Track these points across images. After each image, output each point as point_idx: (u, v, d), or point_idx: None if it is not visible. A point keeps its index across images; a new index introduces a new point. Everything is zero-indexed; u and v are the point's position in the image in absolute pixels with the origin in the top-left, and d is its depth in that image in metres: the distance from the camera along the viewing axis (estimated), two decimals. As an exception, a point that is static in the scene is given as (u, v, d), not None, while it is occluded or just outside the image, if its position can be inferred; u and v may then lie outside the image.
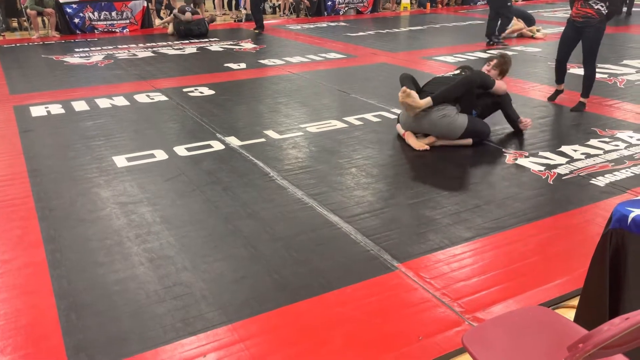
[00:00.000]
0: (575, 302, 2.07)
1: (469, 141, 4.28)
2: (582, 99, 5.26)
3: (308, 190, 3.54)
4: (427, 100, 4.15)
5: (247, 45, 9.38)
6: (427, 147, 4.22)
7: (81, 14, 10.86)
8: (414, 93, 4.17)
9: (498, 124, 4.75)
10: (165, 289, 2.51)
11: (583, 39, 5.10)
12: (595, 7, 4.90)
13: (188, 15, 10.34)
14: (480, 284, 2.53)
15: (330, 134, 4.67)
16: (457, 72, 4.56)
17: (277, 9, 14.25)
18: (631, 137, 4.40)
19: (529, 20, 9.71)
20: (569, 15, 5.20)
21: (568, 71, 6.52)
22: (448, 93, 4.18)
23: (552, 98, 5.58)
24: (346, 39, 9.80)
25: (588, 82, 5.20)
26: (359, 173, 3.82)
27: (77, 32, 10.85)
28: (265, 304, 2.40)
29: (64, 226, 3.13)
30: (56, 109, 5.56)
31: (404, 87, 4.20)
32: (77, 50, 9.04)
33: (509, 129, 4.68)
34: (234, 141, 4.49)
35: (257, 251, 2.83)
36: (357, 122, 4.96)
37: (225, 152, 4.26)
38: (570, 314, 2.04)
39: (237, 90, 6.30)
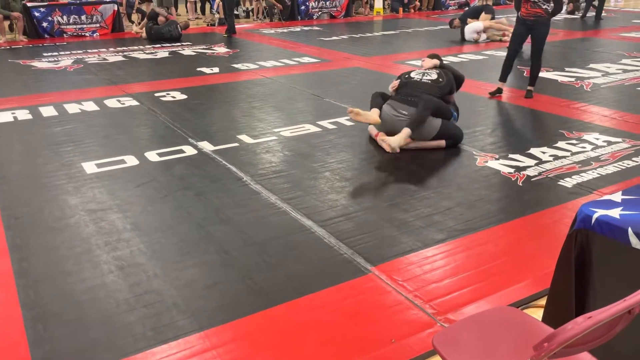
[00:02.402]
0: (543, 301, 2.11)
1: (442, 143, 4.32)
2: (529, 88, 5.88)
3: (282, 194, 3.53)
4: (407, 132, 4.14)
5: (220, 49, 9.33)
6: (398, 150, 4.23)
7: (50, 18, 10.64)
8: (391, 142, 4.13)
9: (469, 127, 4.82)
10: (136, 297, 2.47)
11: (533, 35, 5.67)
12: (544, 7, 5.48)
13: (162, 18, 10.23)
14: (452, 285, 2.55)
15: (304, 138, 4.67)
16: (436, 76, 4.56)
17: (250, 13, 14.21)
18: (597, 139, 4.52)
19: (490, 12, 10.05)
20: (518, 15, 5.71)
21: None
22: (421, 118, 4.20)
23: (493, 94, 5.91)
24: (320, 44, 9.82)
25: (535, 73, 5.83)
26: (332, 177, 3.83)
27: (46, 36, 10.63)
28: (239, 310, 2.38)
29: (30, 234, 3.05)
30: (23, 114, 5.44)
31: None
32: (45, 54, 8.86)
33: (480, 132, 4.76)
34: (206, 146, 4.45)
35: (230, 257, 2.81)
36: (331, 126, 4.97)
37: (197, 157, 4.22)
38: (539, 314, 2.08)
39: (210, 94, 6.25)
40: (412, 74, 4.65)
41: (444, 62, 4.97)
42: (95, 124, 5.12)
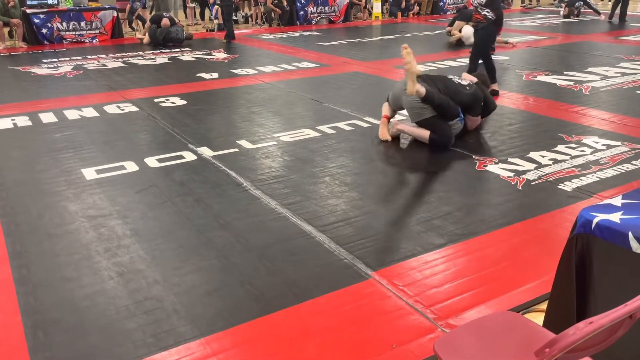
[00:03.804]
0: (544, 306, 2.11)
1: (426, 135, 4.40)
2: (492, 87, 6.00)
3: (281, 200, 3.53)
4: (422, 90, 4.28)
5: (220, 55, 9.35)
6: (389, 139, 4.54)
7: (49, 24, 10.66)
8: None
9: (468, 132, 4.82)
10: (136, 303, 2.46)
11: (474, 38, 6.39)
12: (482, 13, 5.97)
13: (166, 21, 10.25)
14: (452, 290, 2.55)
15: (304, 143, 4.67)
16: (466, 83, 4.69)
17: (249, 18, 14.25)
18: (596, 142, 4.52)
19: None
20: None
21: (535, 79, 6.72)
22: (440, 102, 4.34)
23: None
24: (319, 48, 9.84)
25: (490, 72, 6.10)
26: (332, 182, 3.83)
27: (45, 42, 10.64)
28: (239, 316, 2.38)
29: (30, 241, 3.05)
30: (23, 121, 5.44)
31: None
32: (45, 61, 8.87)
33: (479, 136, 4.76)
34: (206, 151, 4.46)
35: (230, 262, 2.80)
36: (330, 131, 4.97)
37: (197, 163, 4.22)
38: (540, 318, 2.07)
39: (210, 100, 6.26)
40: (449, 76, 4.82)
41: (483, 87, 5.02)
42: (94, 130, 5.12)
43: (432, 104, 4.33)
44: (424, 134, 4.44)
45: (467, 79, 4.83)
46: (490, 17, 5.86)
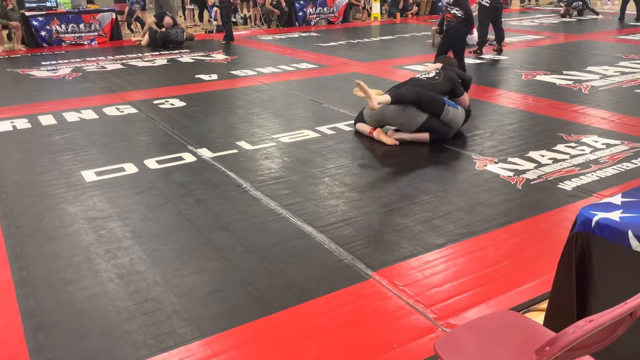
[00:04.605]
0: (545, 305, 2.11)
1: (426, 137, 4.48)
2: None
3: (281, 200, 3.53)
4: (386, 98, 4.26)
5: (219, 56, 9.35)
6: (397, 143, 4.50)
7: (48, 27, 10.67)
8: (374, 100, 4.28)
9: (468, 131, 4.83)
10: (136, 305, 2.46)
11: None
12: (452, 12, 6.37)
13: (168, 19, 10.25)
14: (453, 289, 2.55)
15: (303, 144, 4.67)
16: (433, 74, 4.75)
17: (248, 19, 14.25)
18: (596, 141, 4.52)
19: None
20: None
21: (535, 78, 6.74)
22: (402, 96, 4.35)
23: None
24: (318, 49, 9.85)
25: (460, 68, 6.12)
26: (332, 182, 3.83)
27: (44, 45, 10.64)
28: (239, 317, 2.37)
29: (30, 243, 3.05)
30: (22, 123, 5.44)
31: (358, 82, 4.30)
32: (44, 63, 8.87)
33: (478, 135, 4.77)
34: (206, 153, 4.46)
35: (230, 264, 2.80)
36: (330, 132, 4.97)
37: (197, 164, 4.22)
38: (540, 317, 2.07)
39: (209, 101, 6.26)
40: (416, 76, 4.87)
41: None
42: (94, 132, 5.12)
43: (409, 100, 4.35)
44: (424, 136, 4.50)
45: (431, 70, 4.88)
46: (459, 15, 6.03)
